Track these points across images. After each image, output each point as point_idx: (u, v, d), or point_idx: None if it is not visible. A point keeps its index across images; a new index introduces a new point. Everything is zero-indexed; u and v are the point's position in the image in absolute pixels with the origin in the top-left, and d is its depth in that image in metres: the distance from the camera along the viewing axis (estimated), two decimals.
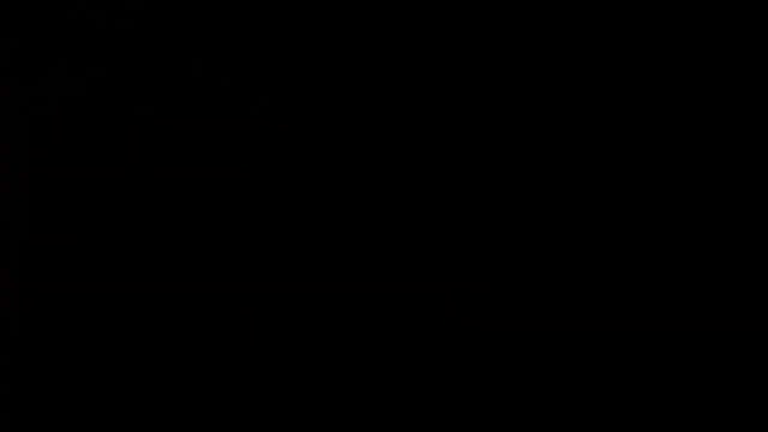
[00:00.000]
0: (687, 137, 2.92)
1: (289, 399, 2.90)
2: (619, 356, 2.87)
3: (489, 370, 2.89)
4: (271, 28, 2.98)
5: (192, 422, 2.89)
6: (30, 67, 2.96)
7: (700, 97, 2.92)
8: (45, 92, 2.95)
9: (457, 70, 2.95)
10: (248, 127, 2.95)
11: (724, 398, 2.85)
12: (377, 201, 2.93)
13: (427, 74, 2.95)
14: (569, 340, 2.88)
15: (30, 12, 2.96)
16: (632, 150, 2.92)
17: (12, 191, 2.93)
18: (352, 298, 2.91)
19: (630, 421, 2.86)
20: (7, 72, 2.96)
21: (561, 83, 2.94)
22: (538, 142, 2.93)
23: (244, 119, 2.95)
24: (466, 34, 2.96)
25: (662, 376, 2.86)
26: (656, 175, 2.91)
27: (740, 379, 2.85)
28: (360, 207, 2.93)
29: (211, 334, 2.91)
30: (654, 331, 2.87)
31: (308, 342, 2.90)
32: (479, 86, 2.95)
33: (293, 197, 2.94)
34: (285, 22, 2.98)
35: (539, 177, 2.92)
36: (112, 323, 2.90)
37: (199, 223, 2.93)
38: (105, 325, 2.90)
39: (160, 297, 2.91)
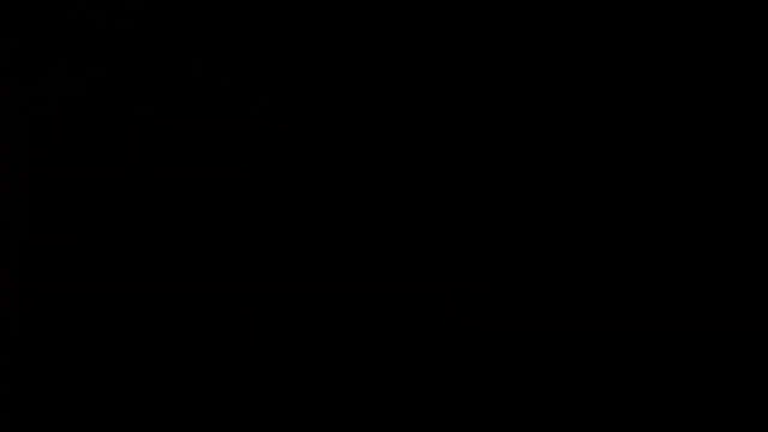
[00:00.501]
0: (687, 137, 2.92)
1: (289, 399, 2.90)
2: (619, 356, 2.87)
3: (489, 370, 2.89)
4: (271, 28, 2.98)
5: (192, 422, 2.89)
6: (30, 67, 2.96)
7: (700, 97, 2.92)
8: (45, 92, 2.95)
9: (457, 70, 2.95)
10: (248, 127, 2.95)
11: (724, 398, 2.85)
12: (377, 201, 2.93)
13: (427, 74, 2.95)
14: (569, 340, 2.88)
15: (30, 12, 2.96)
16: (632, 150, 2.92)
17: (12, 191, 2.93)
18: (352, 298, 2.91)
19: (630, 421, 2.86)
20: (7, 72, 2.96)
21: (561, 83, 2.94)
22: (538, 142, 2.93)
23: (244, 119, 2.95)
24: (466, 34, 2.96)
25: (662, 376, 2.86)
26: (656, 175, 2.91)
27: (740, 379, 2.85)
28: (360, 207, 2.93)
29: (211, 334, 2.91)
30: (654, 331, 2.87)
31: (308, 342, 2.90)
32: (479, 86, 2.95)
33: (293, 197, 2.94)
34: (285, 22, 2.98)
35: (539, 177, 2.93)
36: (112, 323, 2.90)
37: (199, 223, 2.93)
38: (105, 325, 2.90)
39: (160, 297, 2.91)
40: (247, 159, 2.95)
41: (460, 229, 2.92)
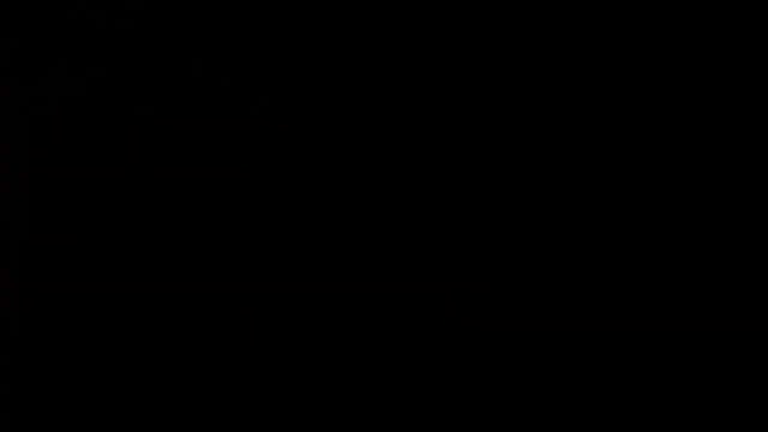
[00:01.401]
0: (687, 137, 2.92)
1: (289, 399, 2.90)
2: (619, 356, 2.87)
3: (489, 370, 2.89)
4: (271, 28, 2.98)
5: (192, 422, 2.89)
6: (30, 67, 2.96)
7: (700, 97, 2.92)
8: (45, 92, 2.95)
9: (457, 70, 2.95)
10: (248, 127, 2.95)
11: (724, 398, 2.85)
12: (377, 201, 2.93)
13: (427, 74, 2.96)
14: (569, 340, 2.88)
15: (30, 12, 2.96)
16: (632, 150, 2.92)
17: (12, 191, 2.93)
18: (352, 298, 2.91)
19: (630, 421, 2.86)
20: (7, 72, 2.96)
21: (561, 83, 2.94)
22: (538, 142, 2.93)
23: (244, 119, 2.95)
24: (466, 34, 2.96)
25: (662, 376, 2.86)
26: (656, 175, 2.91)
27: (740, 379, 2.85)
28: (360, 207, 2.93)
29: (211, 334, 2.91)
30: (654, 331, 2.87)
31: (308, 342, 2.90)
32: (479, 86, 2.95)
33: (293, 197, 2.94)
34: (285, 22, 2.98)
35: (539, 177, 2.93)
36: (112, 323, 2.90)
37: (199, 223, 2.93)
38: (105, 325, 2.90)
39: (160, 297, 2.91)
40: (247, 159, 2.95)
41: (460, 229, 2.92)
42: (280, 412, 2.90)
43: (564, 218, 2.91)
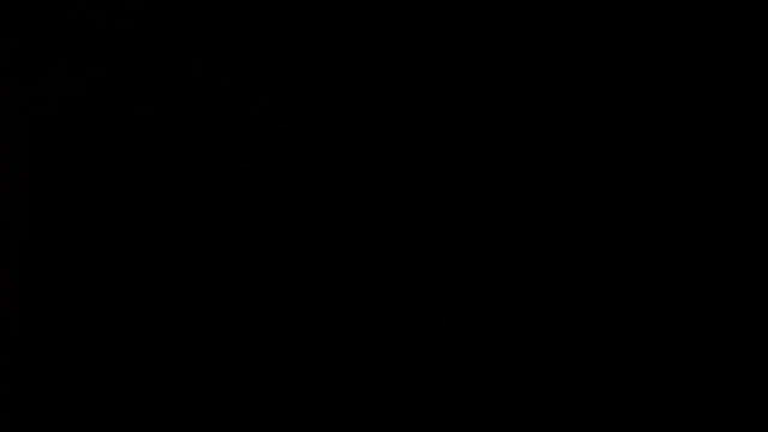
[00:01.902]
0: (687, 137, 2.92)
1: (289, 399, 2.90)
2: (619, 356, 2.87)
3: (489, 370, 2.89)
4: (271, 28, 2.98)
5: (192, 422, 2.89)
6: (30, 67, 2.96)
7: (700, 97, 2.92)
8: (45, 92, 2.95)
9: (457, 70, 2.95)
10: (248, 127, 2.95)
11: (724, 398, 2.85)
12: (377, 201, 2.93)
13: (427, 74, 2.96)
14: (569, 340, 2.88)
15: (30, 12, 2.96)
16: (632, 150, 2.92)
17: (12, 191, 2.93)
18: (352, 298, 2.91)
19: (630, 421, 2.86)
20: (7, 72, 2.96)
21: (561, 83, 2.94)
22: (538, 142, 2.93)
23: (244, 119, 2.95)
24: (466, 34, 2.96)
25: (662, 376, 2.86)
26: (656, 175, 2.91)
27: (740, 379, 2.85)
28: (360, 207, 2.93)
29: (211, 334, 2.91)
30: (654, 331, 2.87)
31: (308, 342, 2.90)
32: (479, 86, 2.95)
33: (293, 197, 2.94)
34: (285, 22, 2.98)
35: (539, 177, 2.93)
36: (112, 323, 2.90)
37: (199, 223, 2.93)
38: (105, 325, 2.90)
39: (160, 297, 2.91)
40: (247, 159, 2.95)
41: (460, 229, 2.92)
42: (280, 412, 2.90)
43: (563, 219, 2.91)
